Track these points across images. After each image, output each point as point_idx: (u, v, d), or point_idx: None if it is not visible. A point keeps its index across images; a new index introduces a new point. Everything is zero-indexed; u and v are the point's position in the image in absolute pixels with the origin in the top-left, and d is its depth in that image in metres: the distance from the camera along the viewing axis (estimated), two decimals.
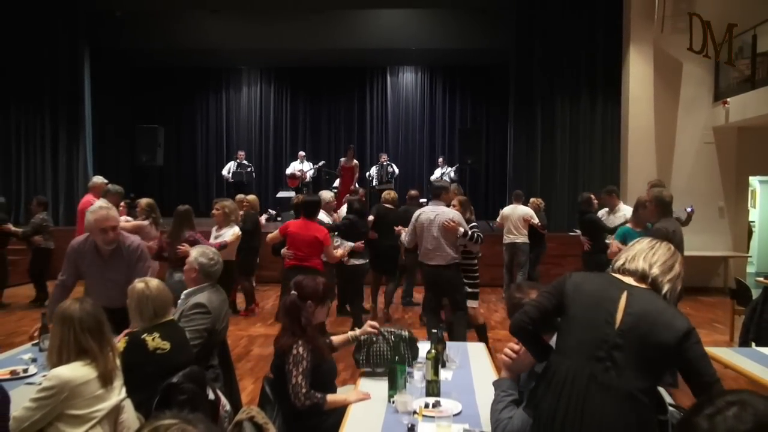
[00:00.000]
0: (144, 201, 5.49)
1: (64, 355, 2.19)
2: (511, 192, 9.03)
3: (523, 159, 10.49)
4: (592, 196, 6.83)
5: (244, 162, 11.74)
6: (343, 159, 10.62)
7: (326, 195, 5.97)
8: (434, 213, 4.47)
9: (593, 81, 10.26)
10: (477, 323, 4.73)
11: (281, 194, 11.36)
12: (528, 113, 10.47)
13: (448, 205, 4.78)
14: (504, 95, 11.51)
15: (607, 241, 6.01)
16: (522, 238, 7.55)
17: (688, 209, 6.57)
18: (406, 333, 2.89)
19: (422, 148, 13.58)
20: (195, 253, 3.07)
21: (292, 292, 2.61)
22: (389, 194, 6.63)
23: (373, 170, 11.22)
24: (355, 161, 10.52)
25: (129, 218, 5.68)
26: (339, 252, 4.82)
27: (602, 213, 6.61)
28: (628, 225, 4.65)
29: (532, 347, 1.87)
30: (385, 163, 11.18)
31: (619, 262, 1.83)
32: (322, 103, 13.68)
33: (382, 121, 13.73)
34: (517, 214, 7.52)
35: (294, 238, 4.70)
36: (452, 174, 11.03)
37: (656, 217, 3.88)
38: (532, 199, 8.29)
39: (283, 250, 4.78)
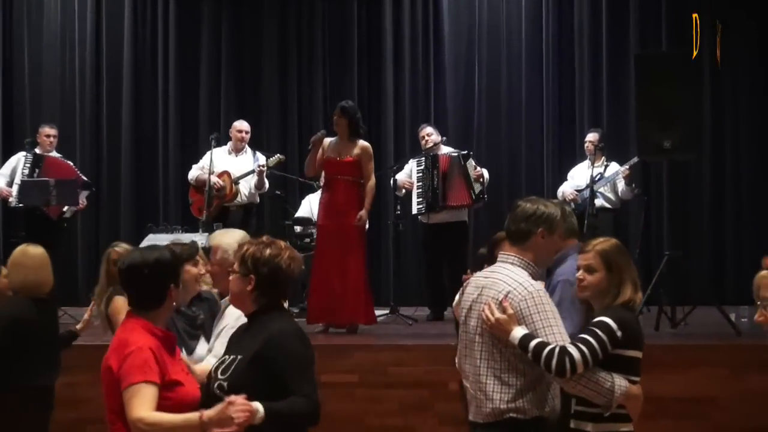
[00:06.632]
0: None
1: None
2: None
3: None
4: None
5: (55, 154, 9.37)
6: (329, 140, 7.96)
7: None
8: (483, 283, 3.78)
9: None
10: None
11: (161, 238, 8.28)
12: None
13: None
14: None
15: None
16: None
17: None
18: None
19: (530, 107, 10.72)
20: None
21: None
22: None
23: (409, 171, 8.97)
24: (363, 144, 7.90)
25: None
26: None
27: None
28: None
29: None
30: (438, 151, 8.82)
31: None
32: (271, 12, 11.05)
33: (424, 39, 10.97)
34: None
35: None
36: (622, 180, 8.80)
37: None
38: None
39: None
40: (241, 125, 9.05)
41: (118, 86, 10.94)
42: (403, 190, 8.70)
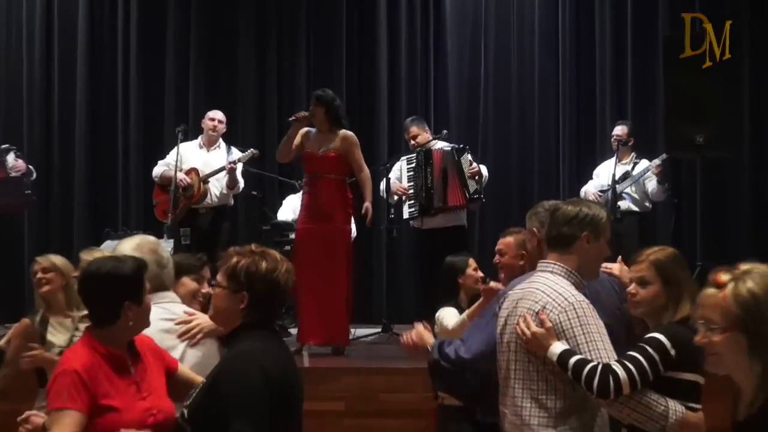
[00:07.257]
0: None
1: None
2: None
3: None
4: None
5: None
6: (308, 130, 7.76)
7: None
8: (519, 295, 3.73)
9: None
10: None
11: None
12: None
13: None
14: None
15: None
16: None
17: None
18: None
19: (544, 96, 10.46)
20: None
21: None
22: None
23: (398, 172, 8.81)
24: (344, 134, 7.78)
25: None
26: None
27: None
28: None
29: None
30: (435, 146, 8.61)
31: None
32: None
33: (423, 19, 10.70)
34: None
35: None
36: (653, 177, 8.56)
37: None
38: None
39: None
40: (214, 114, 8.68)
41: (72, 71, 10.30)
42: (395, 197, 8.34)
